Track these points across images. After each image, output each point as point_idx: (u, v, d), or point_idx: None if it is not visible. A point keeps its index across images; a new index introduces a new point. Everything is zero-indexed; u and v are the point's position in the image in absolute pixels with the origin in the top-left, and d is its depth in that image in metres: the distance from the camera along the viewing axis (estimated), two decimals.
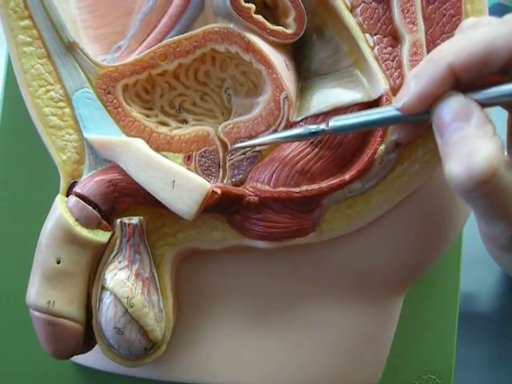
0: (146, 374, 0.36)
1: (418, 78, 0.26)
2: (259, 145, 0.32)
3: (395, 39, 0.32)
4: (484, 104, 0.25)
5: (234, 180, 0.33)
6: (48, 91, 0.33)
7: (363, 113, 0.29)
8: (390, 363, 0.37)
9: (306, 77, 0.33)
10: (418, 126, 0.30)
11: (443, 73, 0.25)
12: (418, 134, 0.31)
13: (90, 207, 0.31)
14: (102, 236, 0.31)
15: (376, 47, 0.32)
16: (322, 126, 0.30)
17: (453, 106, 0.25)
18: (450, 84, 0.25)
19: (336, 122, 0.29)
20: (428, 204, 0.34)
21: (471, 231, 0.27)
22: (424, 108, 0.26)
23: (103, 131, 0.32)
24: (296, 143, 0.32)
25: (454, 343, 0.40)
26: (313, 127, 0.30)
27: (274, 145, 0.32)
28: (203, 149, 0.33)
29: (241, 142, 0.32)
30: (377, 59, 0.32)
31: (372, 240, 0.34)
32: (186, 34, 0.32)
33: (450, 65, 0.25)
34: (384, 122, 0.29)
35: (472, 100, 0.25)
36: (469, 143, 0.24)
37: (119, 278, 0.31)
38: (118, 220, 0.32)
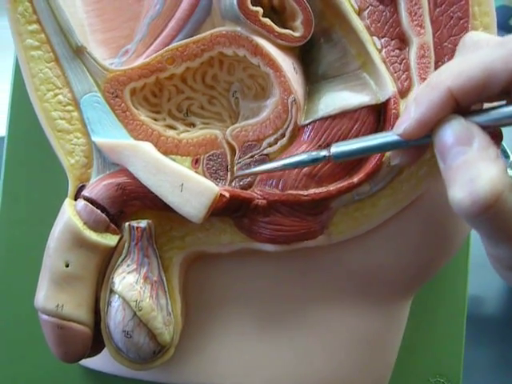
0: (154, 378, 0.36)
1: (418, 103, 0.26)
2: (262, 172, 0.32)
3: (403, 42, 0.32)
4: (485, 127, 0.25)
5: (241, 183, 0.33)
6: (56, 95, 0.33)
7: (364, 138, 0.29)
8: (398, 366, 0.37)
9: (313, 80, 0.33)
10: (420, 150, 0.30)
11: (443, 97, 0.25)
12: (420, 158, 0.31)
13: (99, 211, 0.31)
14: (110, 239, 0.31)
15: (383, 50, 0.32)
16: (324, 153, 0.30)
17: (454, 130, 0.25)
18: (450, 108, 0.25)
19: (338, 147, 0.29)
20: (435, 207, 0.34)
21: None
22: (424, 133, 0.26)
23: (111, 135, 0.32)
24: (304, 147, 0.32)
25: (462, 346, 0.40)
26: (314, 153, 0.30)
27: (282, 148, 0.32)
28: (211, 152, 0.33)
29: (243, 170, 0.32)
30: (384, 62, 0.32)
31: (379, 243, 0.34)
32: (193, 38, 0.32)
33: (449, 89, 0.25)
34: (385, 147, 0.29)
35: (473, 123, 0.25)
36: (471, 168, 0.23)
37: (128, 281, 0.31)
38: (127, 223, 0.32)
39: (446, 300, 0.40)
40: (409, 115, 0.26)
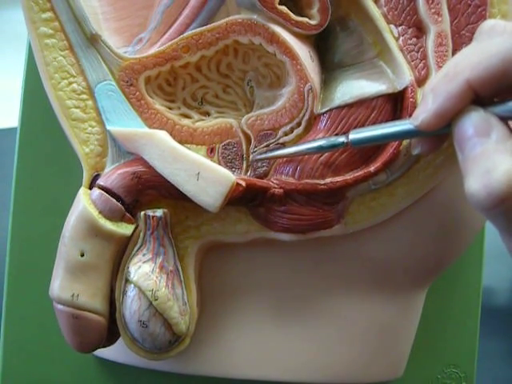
0: (169, 368, 0.36)
1: (435, 95, 0.26)
2: (279, 157, 0.32)
3: (420, 30, 0.32)
4: (505, 118, 0.25)
5: (257, 172, 0.32)
6: (70, 83, 0.32)
7: (383, 125, 0.29)
8: (412, 357, 0.37)
9: (329, 68, 0.33)
10: (440, 138, 0.30)
11: (461, 88, 0.25)
12: (440, 146, 0.31)
13: (114, 200, 0.31)
14: (125, 229, 0.31)
15: (401, 38, 0.32)
16: (342, 139, 0.30)
17: (473, 122, 0.25)
18: (469, 99, 0.25)
19: (356, 134, 0.29)
20: (451, 197, 0.34)
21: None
22: (443, 124, 0.26)
23: (126, 123, 0.32)
24: (320, 135, 0.32)
25: (476, 337, 0.40)
26: (333, 139, 0.30)
27: (298, 137, 0.32)
28: (226, 141, 0.32)
29: (260, 154, 0.32)
30: (401, 50, 0.32)
31: (395, 233, 0.34)
32: (208, 26, 0.32)
33: (468, 80, 0.25)
34: (403, 135, 0.29)
35: (492, 114, 0.25)
36: (488, 159, 0.23)
37: (143, 270, 0.31)
38: (142, 212, 0.31)
39: (461, 291, 0.40)
40: (426, 106, 0.26)
